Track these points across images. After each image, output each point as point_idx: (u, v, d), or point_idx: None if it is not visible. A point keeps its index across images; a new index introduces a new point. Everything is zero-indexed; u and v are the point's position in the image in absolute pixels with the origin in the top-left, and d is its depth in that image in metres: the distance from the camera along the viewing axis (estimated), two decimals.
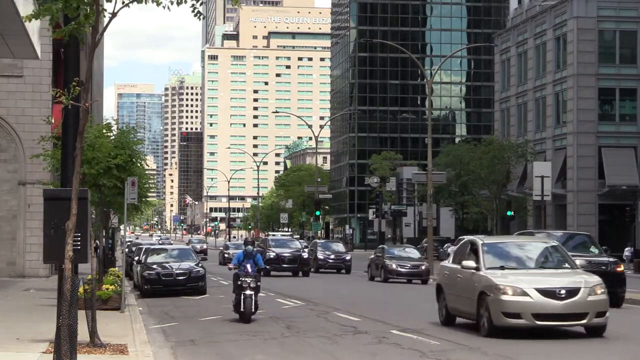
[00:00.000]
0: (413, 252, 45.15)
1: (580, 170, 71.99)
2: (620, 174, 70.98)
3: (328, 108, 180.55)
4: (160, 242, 76.95)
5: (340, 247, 55.31)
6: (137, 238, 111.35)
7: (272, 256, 45.30)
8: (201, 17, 11.50)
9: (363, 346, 16.70)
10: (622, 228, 69.23)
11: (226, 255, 59.32)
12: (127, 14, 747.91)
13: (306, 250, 49.68)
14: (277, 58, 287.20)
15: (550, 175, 51.30)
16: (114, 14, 11.42)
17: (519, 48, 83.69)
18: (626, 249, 63.43)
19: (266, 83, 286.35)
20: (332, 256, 51.53)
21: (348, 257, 52.20)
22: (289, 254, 46.34)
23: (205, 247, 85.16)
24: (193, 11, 11.40)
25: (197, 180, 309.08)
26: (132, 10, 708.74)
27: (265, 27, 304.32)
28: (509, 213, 69.74)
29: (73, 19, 11.30)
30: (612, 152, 72.20)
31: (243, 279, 21.93)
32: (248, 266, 22.12)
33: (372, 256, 45.17)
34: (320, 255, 51.37)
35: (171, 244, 60.43)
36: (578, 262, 19.61)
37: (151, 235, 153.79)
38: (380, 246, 49.27)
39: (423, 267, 42.42)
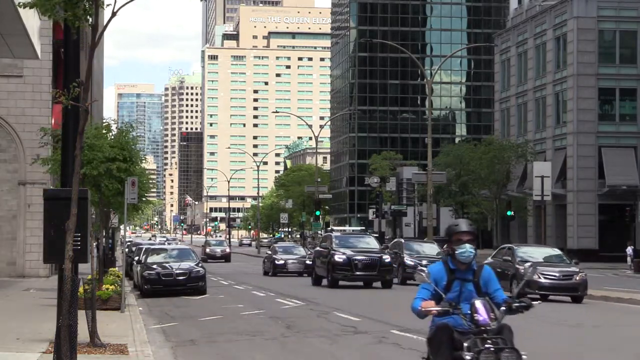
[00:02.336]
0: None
1: (580, 170, 72.00)
2: (620, 174, 70.99)
3: (328, 108, 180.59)
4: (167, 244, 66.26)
5: (434, 249, 41.10)
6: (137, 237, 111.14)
7: (340, 260, 34.71)
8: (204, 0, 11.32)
9: (363, 346, 16.70)
10: (622, 228, 69.24)
11: (277, 262, 47.15)
12: (127, 13, 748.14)
13: (387, 252, 37.39)
14: (277, 58, 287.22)
15: (550, 175, 51.31)
16: (113, 13, 11.41)
17: (519, 48, 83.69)
18: (628, 248, 63.41)
19: (266, 83, 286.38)
20: (426, 262, 35.96)
21: None
22: (364, 258, 35.02)
23: (228, 250, 75.18)
24: None
25: (197, 180, 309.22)
26: (131, 9, 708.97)
27: (265, 27, 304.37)
28: (509, 213, 69.74)
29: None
30: (612, 152, 72.21)
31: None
32: (481, 309, 8.32)
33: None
34: (409, 261, 37.94)
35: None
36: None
37: (153, 236, 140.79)
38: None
39: None
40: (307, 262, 44.13)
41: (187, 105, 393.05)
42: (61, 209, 12.00)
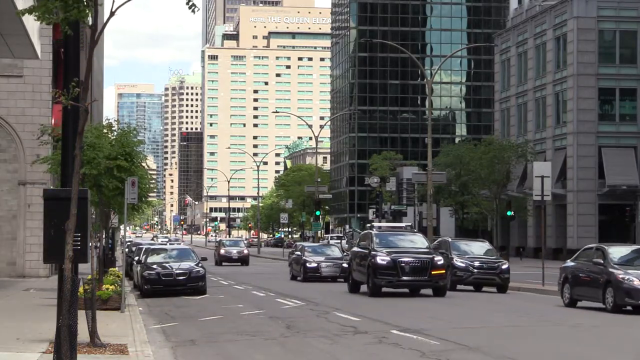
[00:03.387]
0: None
1: (580, 170, 72.01)
2: (620, 174, 71.00)
3: (328, 108, 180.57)
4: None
5: (483, 247, 35.97)
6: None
7: (383, 262, 29.56)
8: (196, 9, 11.31)
9: (363, 346, 16.70)
10: (622, 228, 69.23)
11: (309, 265, 41.19)
12: (126, 13, 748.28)
13: (435, 253, 31.28)
14: (277, 58, 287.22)
15: (550, 175, 51.19)
16: (112, 13, 11.41)
17: (519, 48, 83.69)
18: None
19: (266, 83, 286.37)
20: (477, 263, 33.62)
21: (505, 266, 33.98)
22: (412, 259, 29.62)
23: (246, 252, 64.92)
24: (187, 3, 11.27)
25: (197, 180, 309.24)
26: (131, 9, 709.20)
27: (265, 27, 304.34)
28: (509, 213, 69.73)
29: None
30: (612, 152, 72.21)
31: None
32: None
33: None
34: (459, 262, 33.66)
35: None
36: None
37: (155, 237, 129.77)
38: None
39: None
40: (344, 264, 38.37)
41: (187, 105, 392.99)
42: (61, 209, 12.00)
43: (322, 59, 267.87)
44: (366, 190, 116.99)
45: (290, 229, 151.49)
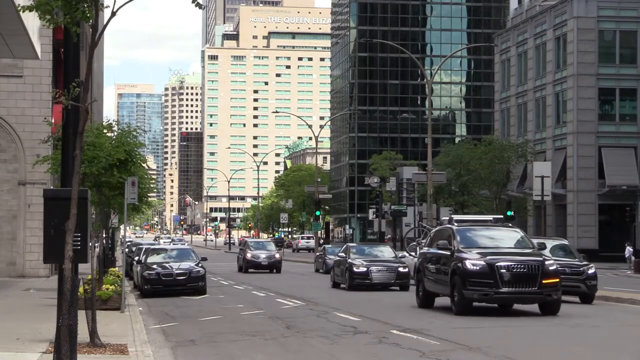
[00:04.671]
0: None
1: (580, 170, 72.00)
2: (620, 174, 70.99)
3: (328, 108, 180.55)
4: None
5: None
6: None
7: (475, 268, 22.01)
8: (201, 7, 11.38)
9: (363, 346, 16.70)
10: (622, 228, 69.21)
11: (357, 270, 34.24)
12: (126, 14, 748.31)
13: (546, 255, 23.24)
14: (277, 58, 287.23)
15: (550, 175, 51.33)
16: (113, 13, 11.42)
17: (519, 48, 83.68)
18: (626, 249, 63.36)
19: (266, 83, 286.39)
20: (568, 270, 26.69)
21: (591, 271, 27.95)
22: (515, 264, 22.05)
23: (277, 256, 53.49)
24: (193, 1, 11.31)
25: (197, 180, 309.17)
26: (131, 9, 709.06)
27: (265, 27, 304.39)
28: (509, 213, 69.63)
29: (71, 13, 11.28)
30: (612, 152, 72.20)
31: None
32: None
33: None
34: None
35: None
36: None
37: (158, 238, 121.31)
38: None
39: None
40: (400, 269, 33.43)
41: (187, 105, 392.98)
42: (61, 209, 12.00)
43: (322, 59, 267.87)
44: (366, 190, 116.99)
45: (290, 229, 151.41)
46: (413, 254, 38.60)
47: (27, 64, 37.95)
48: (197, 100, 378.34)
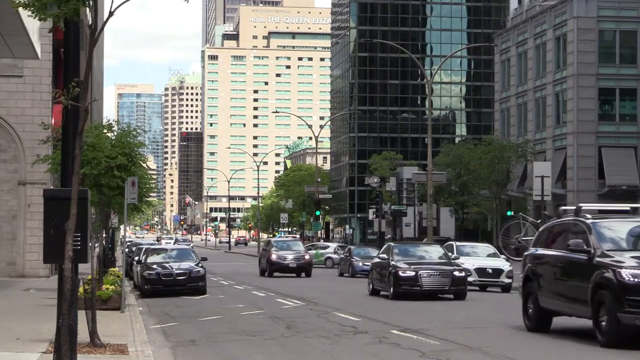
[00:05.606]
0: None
1: (580, 170, 72.01)
2: (620, 174, 71.01)
3: (328, 108, 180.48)
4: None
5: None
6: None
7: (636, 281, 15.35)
8: (188, 0, 11.34)
9: (363, 346, 16.70)
10: None
11: (403, 275, 28.77)
12: (126, 13, 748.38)
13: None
14: (277, 58, 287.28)
15: (550, 175, 51.30)
16: (111, 13, 11.42)
17: (519, 48, 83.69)
18: None
19: (266, 83, 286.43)
20: None
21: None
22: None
23: (307, 257, 47.24)
24: None
25: (197, 180, 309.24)
26: (131, 9, 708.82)
27: (265, 27, 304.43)
28: (509, 213, 69.64)
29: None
30: (612, 152, 72.21)
31: None
32: None
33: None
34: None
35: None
36: None
37: (158, 240, 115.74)
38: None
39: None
40: (456, 273, 28.61)
41: (187, 105, 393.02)
42: (61, 209, 12.00)
43: (322, 59, 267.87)
44: (366, 190, 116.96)
45: (290, 229, 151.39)
46: (514, 256, 32.84)
47: (27, 64, 37.95)
48: (197, 100, 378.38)
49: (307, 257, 46.94)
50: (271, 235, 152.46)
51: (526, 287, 18.83)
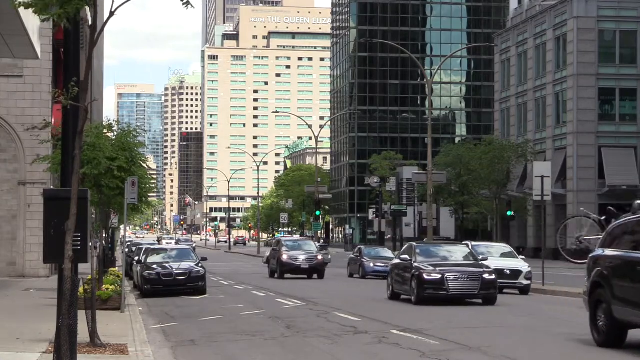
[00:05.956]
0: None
1: (580, 170, 72.02)
2: (620, 174, 71.02)
3: (328, 108, 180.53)
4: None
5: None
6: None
7: None
8: (189, 6, 11.22)
9: (363, 346, 16.70)
10: None
11: (428, 278, 26.05)
12: (126, 13, 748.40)
13: None
14: (277, 58, 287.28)
15: (550, 175, 51.19)
16: (111, 13, 11.42)
17: (519, 48, 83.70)
18: None
19: (266, 83, 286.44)
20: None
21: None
22: None
23: (320, 258, 44.30)
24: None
25: (197, 180, 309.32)
26: (131, 9, 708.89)
27: (265, 27, 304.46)
28: (509, 213, 69.79)
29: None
30: (612, 152, 72.22)
31: None
32: None
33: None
34: None
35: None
36: None
37: (159, 240, 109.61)
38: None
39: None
40: (486, 276, 26.07)
41: (187, 105, 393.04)
42: (61, 209, 12.00)
43: (322, 59, 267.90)
44: (366, 190, 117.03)
45: (290, 229, 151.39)
46: (576, 259, 26.44)
47: (27, 64, 37.94)
48: (197, 100, 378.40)
49: (319, 257, 44.12)
50: (271, 236, 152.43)
51: (594, 295, 16.19)
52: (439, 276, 25.81)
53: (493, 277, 26.20)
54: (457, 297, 26.05)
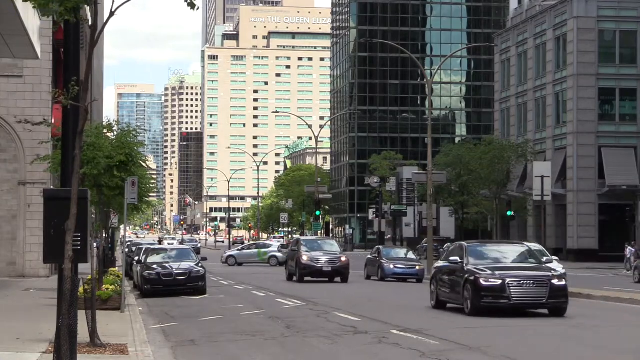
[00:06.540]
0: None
1: (580, 170, 71.98)
2: (620, 174, 70.99)
3: (328, 108, 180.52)
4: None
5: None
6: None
7: None
8: (195, 8, 11.23)
9: (363, 346, 16.70)
10: (622, 228, 69.21)
11: (485, 284, 22.12)
12: (126, 14, 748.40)
13: None
14: (277, 58, 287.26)
15: (550, 175, 51.31)
16: (112, 13, 11.42)
17: (519, 48, 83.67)
18: (626, 249, 63.23)
19: (266, 83, 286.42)
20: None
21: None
22: None
23: (344, 259, 40.85)
24: (186, 1, 11.23)
25: (197, 180, 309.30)
26: (131, 9, 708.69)
27: (265, 27, 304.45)
28: (509, 213, 69.74)
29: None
30: (612, 152, 72.18)
31: None
32: None
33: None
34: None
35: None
36: None
37: (160, 241, 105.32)
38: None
39: None
40: (555, 282, 22.20)
41: (187, 105, 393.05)
42: (61, 209, 12.00)
43: (322, 59, 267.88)
44: (366, 190, 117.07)
45: (290, 229, 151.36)
46: None
47: (27, 64, 37.93)
48: (197, 100, 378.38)
49: (343, 259, 40.49)
50: (271, 236, 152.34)
51: None
52: (499, 282, 21.79)
53: (563, 282, 22.34)
54: (520, 307, 22.14)
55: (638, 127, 73.42)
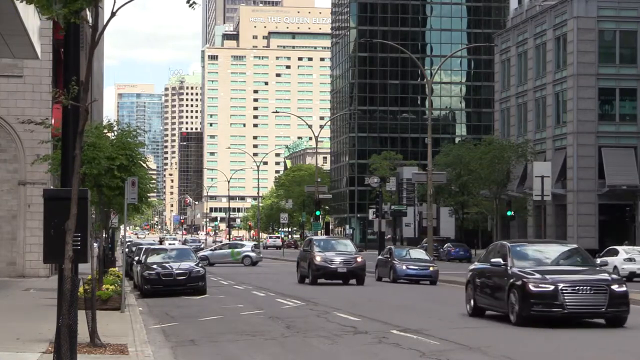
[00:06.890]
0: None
1: (580, 170, 71.99)
2: (620, 174, 71.00)
3: (328, 108, 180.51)
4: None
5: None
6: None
7: None
8: (195, 6, 11.28)
9: (363, 346, 16.70)
10: (622, 228, 69.21)
11: (535, 290, 19.46)
12: (126, 14, 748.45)
13: None
14: (277, 58, 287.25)
15: (550, 175, 51.29)
16: (113, 13, 11.42)
17: (519, 48, 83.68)
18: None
19: (266, 83, 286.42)
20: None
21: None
22: None
23: (360, 260, 38.65)
24: (188, 1, 11.27)
25: (197, 180, 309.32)
26: (131, 9, 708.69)
27: (265, 27, 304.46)
28: (509, 213, 69.74)
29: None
30: (612, 152, 72.19)
31: None
32: None
33: None
34: None
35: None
36: None
37: (161, 241, 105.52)
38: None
39: None
40: (615, 287, 19.68)
41: (187, 105, 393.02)
42: (61, 209, 12.00)
43: (322, 59, 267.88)
44: (366, 190, 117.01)
45: (290, 229, 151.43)
46: None
47: (27, 64, 37.93)
48: (197, 100, 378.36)
49: (359, 259, 38.12)
50: (271, 236, 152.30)
51: None
52: (551, 287, 19.26)
53: (624, 289, 19.74)
54: (575, 317, 19.62)
55: (638, 127, 73.43)
